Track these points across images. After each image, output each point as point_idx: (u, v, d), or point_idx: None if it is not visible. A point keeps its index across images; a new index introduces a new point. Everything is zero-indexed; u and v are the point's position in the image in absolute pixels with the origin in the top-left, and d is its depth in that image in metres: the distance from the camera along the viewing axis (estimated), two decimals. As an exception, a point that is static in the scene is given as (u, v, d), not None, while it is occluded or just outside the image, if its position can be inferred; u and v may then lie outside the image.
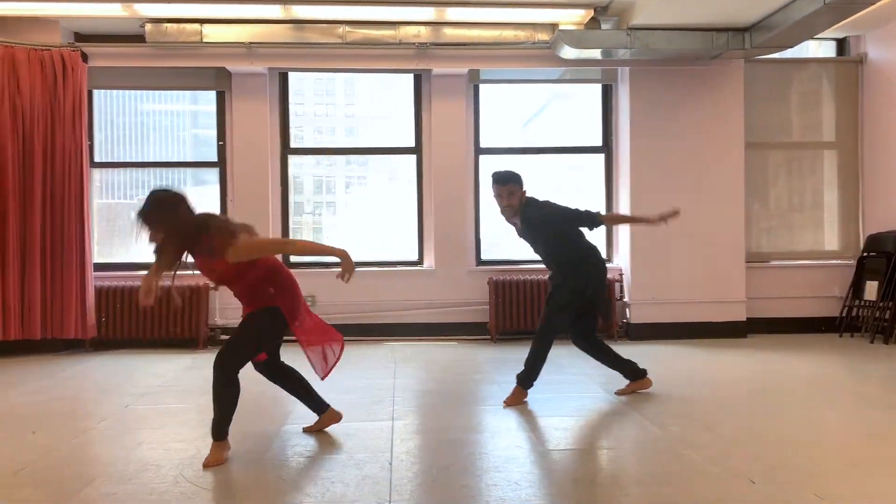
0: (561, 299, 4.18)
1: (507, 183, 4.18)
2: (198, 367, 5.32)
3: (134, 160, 6.70)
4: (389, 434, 3.51)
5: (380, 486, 2.79)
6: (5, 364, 5.53)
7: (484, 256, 6.78)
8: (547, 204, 4.25)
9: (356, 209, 7.10)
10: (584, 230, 4.31)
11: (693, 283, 6.50)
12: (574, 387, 4.54)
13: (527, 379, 4.17)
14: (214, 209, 6.53)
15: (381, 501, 2.63)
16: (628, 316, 6.54)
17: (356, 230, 6.95)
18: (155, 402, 4.29)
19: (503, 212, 4.24)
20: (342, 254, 3.16)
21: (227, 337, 6.08)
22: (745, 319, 6.54)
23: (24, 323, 5.82)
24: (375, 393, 4.44)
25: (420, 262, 6.74)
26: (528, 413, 3.94)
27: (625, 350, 4.52)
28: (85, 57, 6.05)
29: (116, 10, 5.75)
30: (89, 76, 6.12)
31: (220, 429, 3.15)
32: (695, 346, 6.07)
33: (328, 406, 3.58)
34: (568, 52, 6.12)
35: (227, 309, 6.34)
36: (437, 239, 6.60)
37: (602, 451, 3.35)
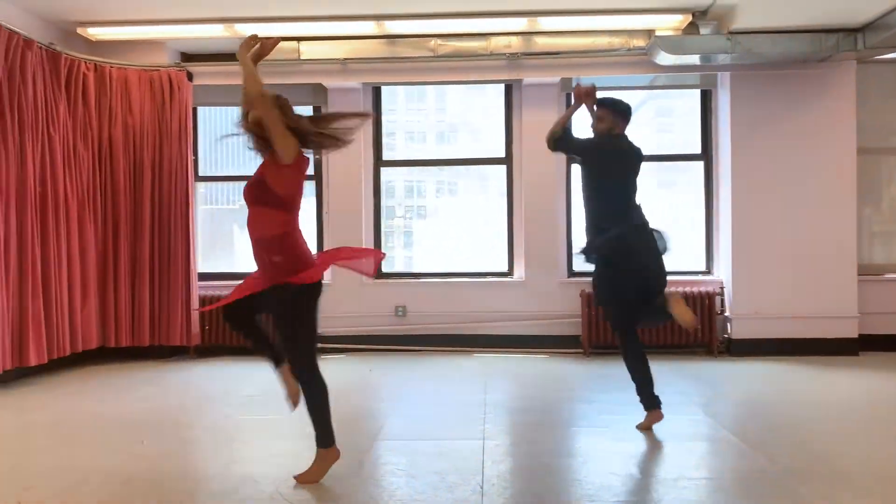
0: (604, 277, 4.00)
1: (602, 106, 4.07)
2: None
3: (234, 174, 6.99)
4: (481, 455, 3.48)
5: (472, 511, 2.77)
6: (118, 370, 5.85)
7: (576, 268, 6.66)
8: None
9: (446, 216, 7.12)
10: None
11: (799, 296, 6.16)
12: (671, 408, 4.38)
13: (646, 399, 3.92)
14: (311, 222, 6.73)
15: (473, 529, 2.61)
16: (729, 331, 6.27)
17: (446, 238, 6.99)
18: (254, 412, 4.43)
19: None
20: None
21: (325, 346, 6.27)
22: (856, 336, 6.14)
23: (134, 330, 6.14)
24: (467, 409, 4.43)
25: (510, 272, 6.70)
26: (623, 435, 3.83)
27: (726, 368, 4.33)
28: (190, 76, 6.33)
29: (219, 31, 5.99)
30: (193, 93, 6.40)
31: (325, 434, 3.11)
32: (801, 365, 5.75)
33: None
34: (665, 59, 5.93)
35: (324, 318, 6.47)
36: (528, 249, 6.54)
37: (701, 481, 3.21)
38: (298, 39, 6.27)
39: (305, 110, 6.73)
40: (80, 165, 5.74)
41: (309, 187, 6.84)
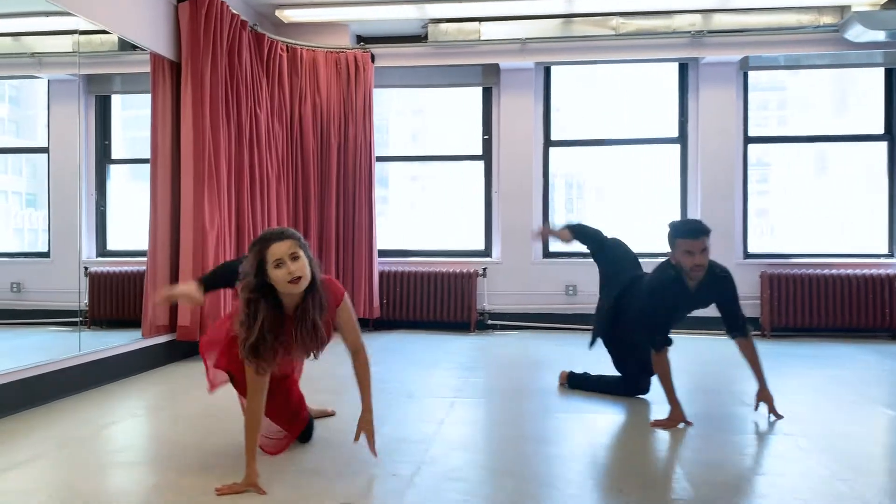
0: None
1: (700, 236, 3.35)
2: (480, 348, 5.60)
3: (407, 154, 7.19)
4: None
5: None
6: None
7: (751, 249, 6.58)
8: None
9: (615, 195, 7.10)
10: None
11: None
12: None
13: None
14: (479, 201, 6.85)
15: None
16: (918, 315, 6.09)
17: (616, 217, 7.01)
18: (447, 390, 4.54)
19: (690, 273, 3.38)
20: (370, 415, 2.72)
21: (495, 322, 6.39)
22: None
23: (320, 302, 6.37)
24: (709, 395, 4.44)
25: (683, 253, 6.65)
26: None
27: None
28: (373, 58, 6.51)
29: (411, 13, 6.14)
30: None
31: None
32: None
33: None
34: (859, 35, 5.78)
35: (494, 295, 6.61)
36: (703, 230, 6.48)
37: None
38: (480, 20, 6.38)
39: (476, 91, 6.92)
40: (275, 142, 5.99)
41: (477, 167, 6.94)
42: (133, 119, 5.75)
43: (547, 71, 6.85)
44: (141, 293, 4.90)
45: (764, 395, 3.48)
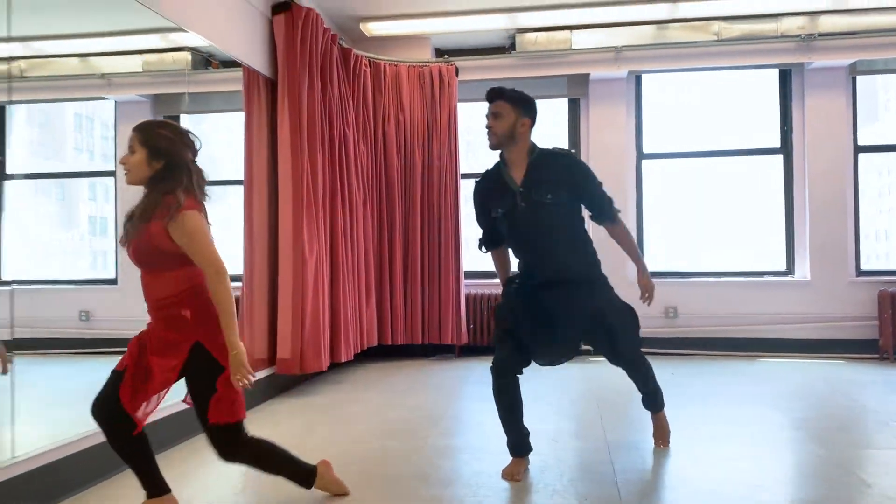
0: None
1: (493, 98, 3.02)
2: (588, 378, 5.22)
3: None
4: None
5: None
6: (391, 367, 5.76)
7: (864, 266, 6.15)
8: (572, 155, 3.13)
9: (709, 209, 6.72)
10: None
11: None
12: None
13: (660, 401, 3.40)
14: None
15: None
16: None
17: (707, 233, 6.61)
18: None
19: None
20: (233, 351, 2.33)
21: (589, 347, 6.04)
22: None
23: (407, 329, 6.05)
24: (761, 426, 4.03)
25: (790, 271, 6.24)
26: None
27: None
28: (457, 71, 6.20)
29: (499, 22, 5.84)
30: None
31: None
32: None
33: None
34: None
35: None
36: (812, 247, 6.07)
37: None
38: (571, 28, 6.05)
39: (562, 102, 6.58)
40: (361, 163, 5.69)
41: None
42: (201, 135, 5.51)
43: (638, 80, 6.50)
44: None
45: (643, 281, 3.25)
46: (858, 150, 6.16)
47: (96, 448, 2.90)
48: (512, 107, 2.98)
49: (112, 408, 2.38)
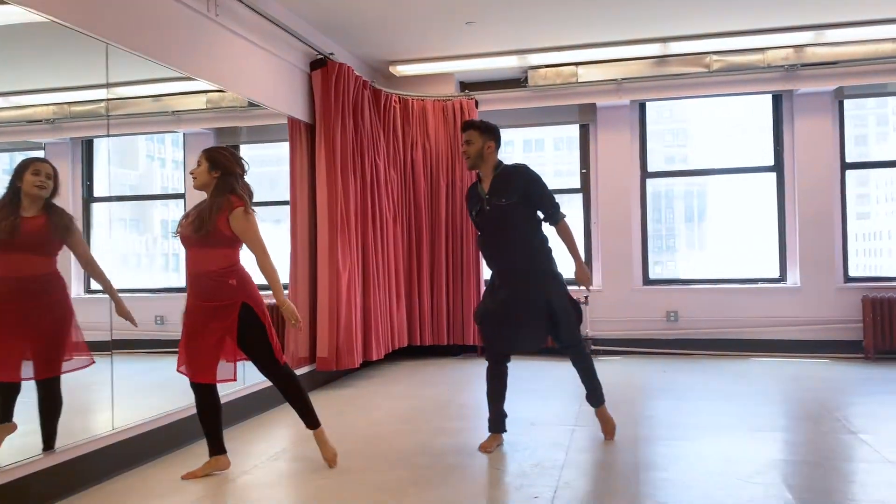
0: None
1: (465, 129, 3.80)
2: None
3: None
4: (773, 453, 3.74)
5: None
6: (421, 365, 6.61)
7: (852, 273, 6.69)
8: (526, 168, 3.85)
9: (711, 223, 7.35)
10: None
11: None
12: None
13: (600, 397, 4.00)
14: (578, 232, 7.22)
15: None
16: None
17: (715, 244, 7.24)
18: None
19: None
20: (284, 306, 3.36)
21: (598, 348, 6.75)
22: None
23: (433, 330, 6.90)
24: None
25: (782, 279, 6.83)
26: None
27: None
28: (476, 104, 7.02)
29: (511, 62, 6.63)
30: (476, 119, 7.09)
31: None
32: None
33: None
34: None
35: (596, 322, 6.96)
36: (802, 256, 6.65)
37: None
38: (577, 64, 6.80)
39: (574, 128, 7.32)
40: (391, 187, 6.56)
41: (575, 199, 7.33)
42: (257, 161, 6.44)
43: (642, 107, 7.19)
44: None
45: (581, 275, 3.84)
46: (846, 166, 6.71)
47: (173, 424, 3.85)
48: (479, 133, 3.77)
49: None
